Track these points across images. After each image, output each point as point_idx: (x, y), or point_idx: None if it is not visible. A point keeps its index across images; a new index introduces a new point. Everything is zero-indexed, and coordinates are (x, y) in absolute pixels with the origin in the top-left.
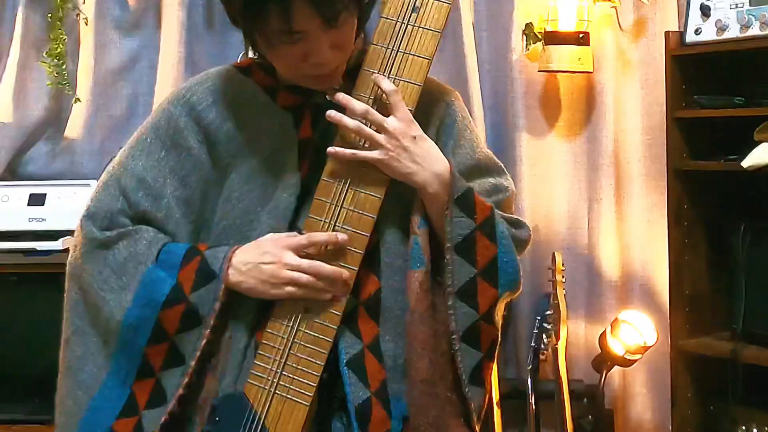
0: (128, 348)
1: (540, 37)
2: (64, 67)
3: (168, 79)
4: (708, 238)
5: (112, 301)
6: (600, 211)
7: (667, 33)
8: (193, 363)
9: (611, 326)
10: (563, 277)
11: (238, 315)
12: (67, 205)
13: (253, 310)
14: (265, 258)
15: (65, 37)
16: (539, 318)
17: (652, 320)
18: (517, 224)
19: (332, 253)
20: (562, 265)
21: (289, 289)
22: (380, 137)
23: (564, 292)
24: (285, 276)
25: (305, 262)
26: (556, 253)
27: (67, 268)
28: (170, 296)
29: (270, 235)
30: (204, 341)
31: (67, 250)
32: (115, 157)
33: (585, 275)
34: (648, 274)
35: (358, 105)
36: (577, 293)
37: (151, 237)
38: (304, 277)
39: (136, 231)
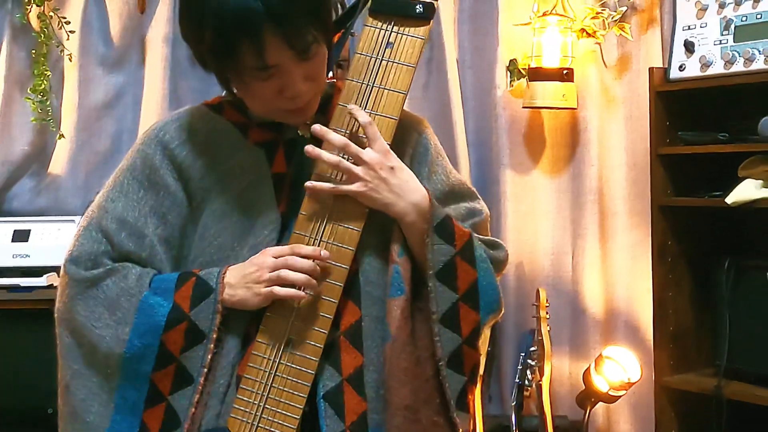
0: (133, 379)
1: (524, 73)
2: (48, 103)
3: (152, 115)
4: (692, 274)
5: (108, 337)
6: (584, 247)
7: (651, 69)
8: (201, 379)
9: (595, 362)
10: (547, 313)
11: (221, 350)
12: (51, 242)
13: (235, 344)
14: (250, 268)
15: (49, 73)
16: (523, 354)
17: (636, 356)
18: (493, 245)
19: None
20: (546, 301)
21: (274, 289)
22: (358, 170)
23: (548, 328)
24: (266, 278)
25: (280, 259)
26: (540, 290)
27: (56, 314)
28: (171, 317)
29: None
30: (210, 356)
31: (51, 286)
32: (92, 201)
33: (569, 311)
34: (632, 310)
35: (336, 138)
36: (561, 329)
37: (139, 271)
38: (284, 272)
39: (122, 267)
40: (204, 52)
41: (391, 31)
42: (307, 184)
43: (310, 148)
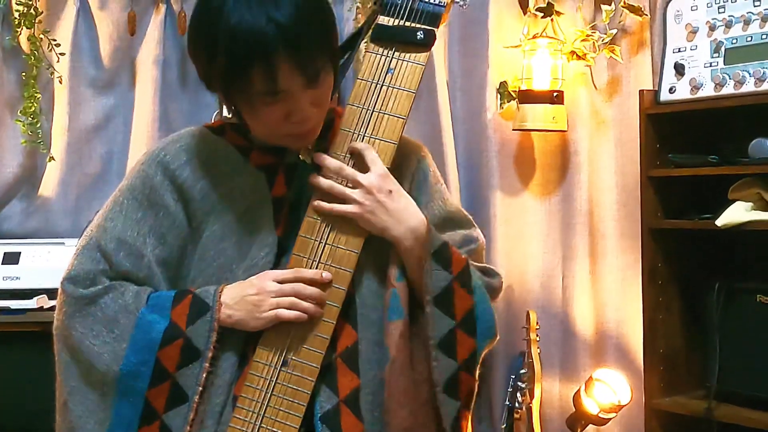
0: (129, 396)
1: (514, 95)
2: (38, 125)
3: (142, 137)
4: (682, 296)
5: (106, 353)
6: (574, 269)
7: (641, 92)
8: (196, 397)
9: (585, 385)
10: (537, 335)
11: (217, 370)
12: (42, 264)
13: (231, 363)
14: (250, 290)
15: (40, 95)
16: (514, 377)
17: (627, 379)
18: (488, 273)
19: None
20: (537, 323)
21: (275, 312)
22: (355, 193)
23: (538, 350)
24: (268, 303)
25: (287, 286)
26: (530, 312)
27: (54, 332)
28: (167, 334)
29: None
30: (205, 374)
31: (41, 309)
32: (92, 220)
33: (559, 334)
34: (622, 333)
35: (331, 162)
36: (551, 352)
37: (136, 289)
38: (286, 300)
39: (120, 285)
40: (213, 74)
41: (392, 58)
42: (313, 202)
43: (312, 177)
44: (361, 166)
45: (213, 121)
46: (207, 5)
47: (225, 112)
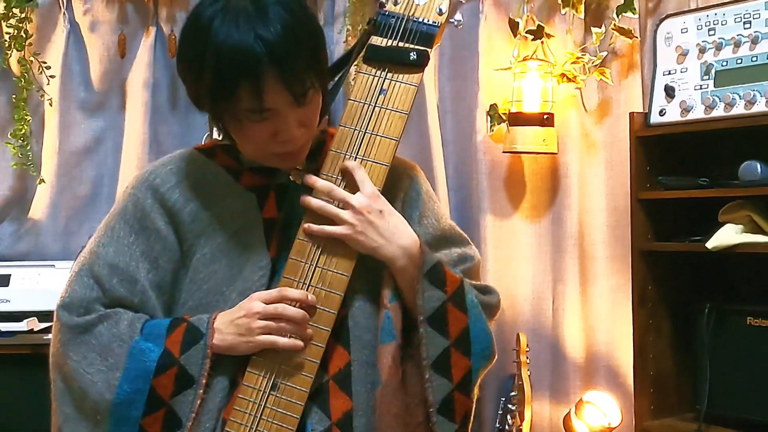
0: (123, 424)
1: (504, 118)
2: (28, 147)
3: (132, 159)
4: (672, 319)
5: (99, 382)
6: (564, 292)
7: (631, 114)
8: (189, 424)
9: (576, 407)
10: (528, 358)
11: (208, 394)
12: (32, 287)
13: (222, 387)
14: (238, 313)
15: (30, 118)
16: (504, 399)
17: (617, 401)
18: (485, 290)
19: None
20: (527, 346)
21: (262, 338)
22: (345, 213)
23: (528, 373)
24: (255, 325)
25: (270, 306)
26: (520, 334)
27: (50, 359)
28: (161, 362)
29: None
30: (199, 401)
31: (31, 331)
32: (84, 245)
33: (549, 356)
34: (612, 355)
35: (321, 183)
36: (541, 374)
37: (130, 317)
38: (273, 324)
39: (114, 313)
40: (201, 91)
41: (385, 78)
42: (303, 224)
43: (303, 197)
44: (351, 186)
45: (204, 143)
46: (196, 22)
47: (215, 134)
